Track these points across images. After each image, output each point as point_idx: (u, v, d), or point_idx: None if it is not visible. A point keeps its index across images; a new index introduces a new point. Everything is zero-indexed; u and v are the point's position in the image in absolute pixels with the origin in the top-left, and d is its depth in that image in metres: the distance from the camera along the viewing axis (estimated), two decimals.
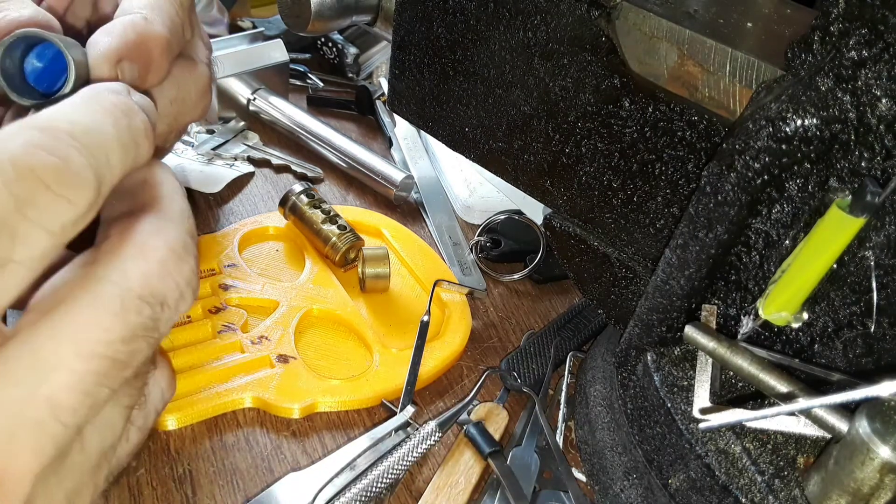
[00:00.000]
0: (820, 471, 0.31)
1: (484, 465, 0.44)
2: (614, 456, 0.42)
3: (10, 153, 0.20)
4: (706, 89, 0.35)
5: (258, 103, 0.70)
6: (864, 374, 0.33)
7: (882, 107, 0.28)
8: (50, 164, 0.20)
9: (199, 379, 0.45)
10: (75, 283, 0.22)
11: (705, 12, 0.37)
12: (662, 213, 0.39)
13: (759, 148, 0.30)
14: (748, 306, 0.35)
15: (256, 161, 0.66)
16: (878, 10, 0.26)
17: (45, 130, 0.21)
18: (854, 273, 0.31)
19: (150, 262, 0.23)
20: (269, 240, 0.57)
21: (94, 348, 0.21)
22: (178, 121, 0.34)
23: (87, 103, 0.23)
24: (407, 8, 0.46)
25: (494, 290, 0.59)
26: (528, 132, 0.43)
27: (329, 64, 0.82)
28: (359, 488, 0.40)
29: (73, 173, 0.21)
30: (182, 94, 0.33)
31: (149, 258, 0.23)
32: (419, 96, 0.49)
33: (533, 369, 0.50)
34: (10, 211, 0.19)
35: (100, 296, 0.22)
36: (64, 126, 0.21)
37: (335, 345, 0.50)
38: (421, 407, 0.48)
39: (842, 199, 0.29)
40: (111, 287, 0.22)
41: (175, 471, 0.41)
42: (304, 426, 0.45)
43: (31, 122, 0.21)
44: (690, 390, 0.36)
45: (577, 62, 0.38)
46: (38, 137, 0.20)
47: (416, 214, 0.65)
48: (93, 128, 0.22)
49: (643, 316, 0.38)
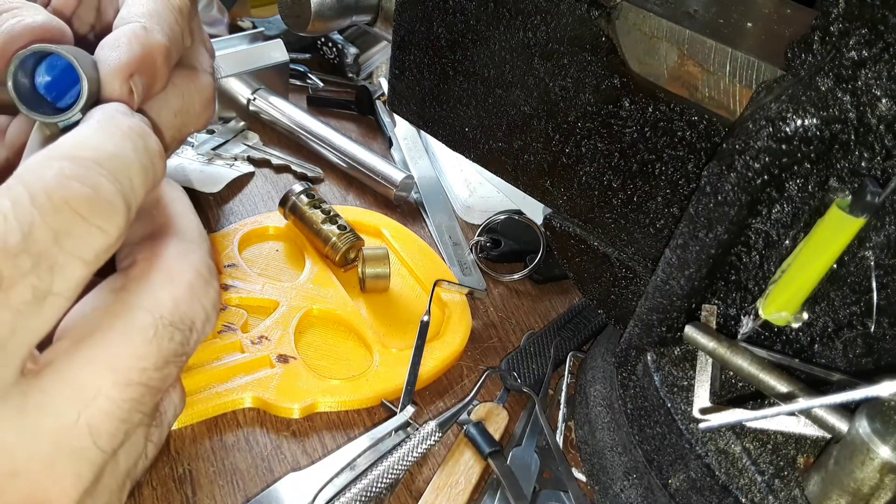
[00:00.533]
0: (820, 471, 0.31)
1: (484, 465, 0.44)
2: (614, 456, 0.42)
3: (46, 185, 0.20)
4: (706, 89, 0.35)
5: (258, 103, 0.70)
6: (864, 374, 0.33)
7: (882, 107, 0.28)
8: (84, 194, 0.20)
9: (199, 379, 0.45)
10: (107, 311, 0.23)
11: (705, 12, 0.36)
12: (662, 213, 0.39)
13: (759, 148, 0.30)
14: (748, 306, 0.35)
15: (256, 161, 0.66)
16: (878, 10, 0.26)
17: (75, 160, 0.21)
18: (854, 273, 0.31)
19: (179, 287, 0.24)
20: (269, 240, 0.57)
21: (131, 376, 0.22)
22: (181, 131, 0.34)
23: (106, 128, 0.23)
24: (407, 8, 0.46)
25: (494, 290, 0.59)
26: (528, 132, 0.43)
27: (329, 64, 0.82)
28: (359, 488, 0.40)
29: (105, 202, 0.21)
30: (186, 105, 0.33)
31: (178, 283, 0.24)
32: (419, 96, 0.49)
33: (533, 369, 0.50)
34: (49, 244, 0.20)
35: (134, 324, 0.22)
36: (90, 154, 0.21)
37: (335, 345, 0.50)
38: (421, 407, 0.48)
39: (842, 199, 0.29)
40: (144, 314, 0.23)
41: (175, 471, 0.41)
42: (304, 426, 0.45)
43: (58, 151, 0.21)
44: (690, 390, 0.36)
45: (577, 62, 0.38)
46: (69, 168, 0.20)
47: (416, 214, 0.65)
48: (116, 153, 0.22)
49: (643, 316, 0.38)
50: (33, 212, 0.19)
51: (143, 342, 0.22)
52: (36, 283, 0.19)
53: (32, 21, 0.29)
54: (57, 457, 0.21)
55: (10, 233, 0.19)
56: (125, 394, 0.22)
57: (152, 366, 0.22)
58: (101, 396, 0.21)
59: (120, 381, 0.22)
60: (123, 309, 0.23)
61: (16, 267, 0.19)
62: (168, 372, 0.23)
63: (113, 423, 0.22)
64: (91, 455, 0.21)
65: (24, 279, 0.19)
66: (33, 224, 0.19)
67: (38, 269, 0.19)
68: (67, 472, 0.21)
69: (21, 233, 0.19)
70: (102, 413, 0.21)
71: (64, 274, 0.20)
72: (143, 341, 0.22)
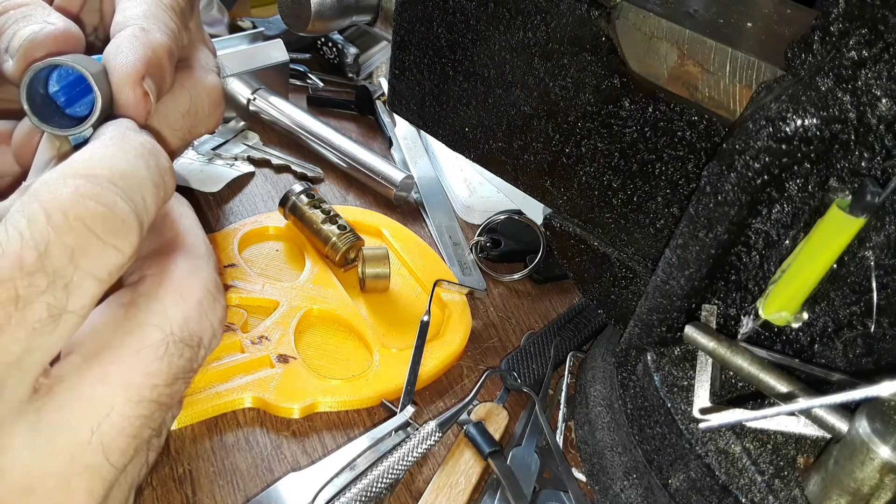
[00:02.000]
0: (820, 471, 0.31)
1: (484, 465, 0.44)
2: (614, 456, 0.42)
3: (61, 204, 0.20)
4: (706, 89, 0.35)
5: (258, 103, 0.70)
6: (864, 374, 0.33)
7: (882, 107, 0.28)
8: (99, 213, 0.20)
9: (199, 379, 0.45)
10: (118, 327, 0.23)
11: (705, 12, 0.36)
12: (662, 213, 0.39)
13: (759, 148, 0.30)
14: (748, 306, 0.35)
15: (256, 161, 0.66)
16: (878, 10, 0.26)
17: (90, 179, 0.21)
18: (854, 273, 0.31)
19: (189, 304, 0.24)
20: (269, 240, 0.57)
21: (143, 393, 0.22)
22: (191, 133, 0.34)
23: (120, 146, 0.23)
24: (407, 8, 0.46)
25: (494, 290, 0.59)
26: (528, 132, 0.43)
27: (329, 64, 0.82)
28: (359, 488, 0.40)
29: (119, 221, 0.21)
30: (195, 106, 0.33)
31: (188, 301, 0.24)
32: (419, 96, 0.49)
33: (533, 369, 0.50)
34: (65, 262, 0.20)
35: (145, 340, 0.23)
36: (105, 172, 0.21)
37: (335, 345, 0.50)
38: (421, 407, 0.48)
39: (842, 199, 0.29)
40: (155, 331, 0.23)
41: (175, 471, 0.41)
42: (304, 426, 0.45)
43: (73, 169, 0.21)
44: (690, 390, 0.36)
45: (577, 62, 0.38)
46: (84, 187, 0.21)
47: (416, 214, 0.65)
48: (129, 171, 0.22)
49: (643, 316, 0.38)
50: (49, 230, 0.20)
51: (155, 359, 0.22)
52: (51, 301, 0.20)
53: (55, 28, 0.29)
54: (70, 474, 0.21)
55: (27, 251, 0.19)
56: (137, 410, 0.22)
57: (163, 382, 0.23)
58: (114, 413, 0.21)
59: (132, 397, 0.22)
60: (134, 325, 0.23)
61: (32, 285, 0.19)
62: (177, 388, 0.23)
63: (125, 439, 0.22)
64: (104, 472, 0.22)
65: (39, 297, 0.19)
66: (49, 242, 0.19)
67: (54, 288, 0.19)
68: (81, 489, 0.21)
69: (37, 251, 0.19)
70: (115, 430, 0.22)
71: (78, 292, 0.20)
72: (155, 358, 0.22)
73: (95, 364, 0.22)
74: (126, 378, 0.22)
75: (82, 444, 0.21)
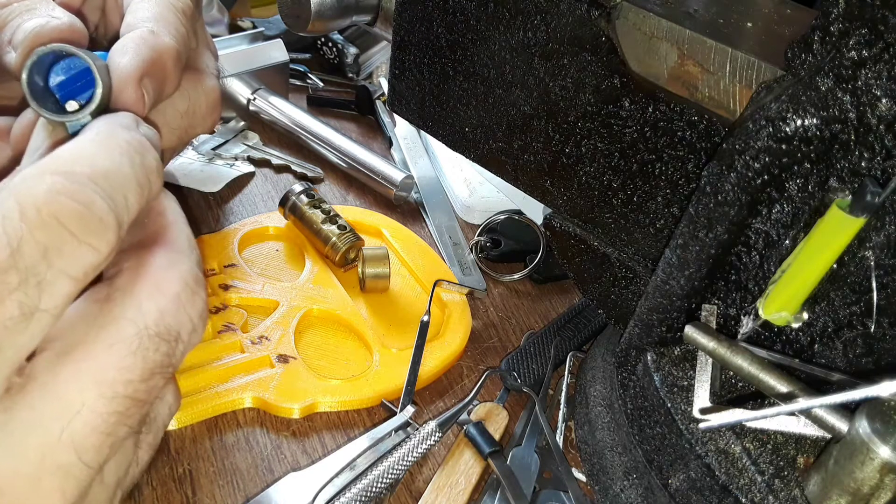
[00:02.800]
0: (820, 471, 0.31)
1: (484, 465, 0.44)
2: (614, 456, 0.42)
3: (36, 200, 0.20)
4: (706, 89, 0.35)
5: (258, 103, 0.70)
6: (864, 374, 0.33)
7: (882, 107, 0.28)
8: (75, 211, 0.20)
9: (199, 379, 0.45)
10: (92, 322, 0.22)
11: (705, 12, 0.36)
12: (662, 213, 0.39)
13: (759, 148, 0.30)
14: (748, 306, 0.35)
15: (256, 161, 0.66)
16: (878, 10, 0.26)
17: (68, 175, 0.21)
18: (854, 273, 0.31)
19: (165, 298, 0.23)
20: (269, 240, 0.57)
21: (116, 388, 0.22)
22: (188, 133, 0.34)
23: (105, 143, 0.23)
24: (407, 8, 0.46)
25: (494, 290, 0.59)
26: (528, 132, 0.43)
27: (329, 64, 0.82)
28: (359, 488, 0.40)
29: (96, 219, 0.21)
30: (193, 107, 0.33)
31: (164, 294, 0.23)
32: (419, 96, 0.49)
33: (533, 369, 0.50)
34: (38, 260, 0.19)
35: (118, 336, 0.22)
36: (85, 170, 0.21)
37: (335, 345, 0.50)
38: (421, 407, 0.48)
39: (842, 199, 0.29)
40: (129, 326, 0.22)
41: (175, 471, 0.41)
42: (304, 426, 0.45)
43: (52, 165, 0.21)
44: (690, 390, 0.36)
45: (577, 62, 0.38)
46: (61, 184, 0.20)
47: (416, 214, 0.65)
48: (112, 170, 0.22)
49: (643, 316, 0.38)
50: (22, 227, 0.19)
51: (128, 354, 0.22)
52: (23, 299, 0.19)
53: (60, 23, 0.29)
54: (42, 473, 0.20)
55: None
56: (110, 407, 0.21)
57: (138, 377, 0.22)
58: (86, 410, 0.21)
59: (105, 393, 0.21)
60: (108, 320, 0.22)
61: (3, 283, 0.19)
62: (154, 383, 0.23)
63: (98, 436, 0.21)
64: (76, 471, 0.21)
65: (10, 295, 0.19)
66: (22, 239, 0.19)
67: (26, 285, 0.19)
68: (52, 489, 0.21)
69: (9, 248, 0.19)
70: (87, 427, 0.21)
71: (52, 290, 0.20)
72: (128, 353, 0.22)
73: (68, 360, 0.21)
74: (98, 374, 0.21)
75: (54, 444, 0.21)
